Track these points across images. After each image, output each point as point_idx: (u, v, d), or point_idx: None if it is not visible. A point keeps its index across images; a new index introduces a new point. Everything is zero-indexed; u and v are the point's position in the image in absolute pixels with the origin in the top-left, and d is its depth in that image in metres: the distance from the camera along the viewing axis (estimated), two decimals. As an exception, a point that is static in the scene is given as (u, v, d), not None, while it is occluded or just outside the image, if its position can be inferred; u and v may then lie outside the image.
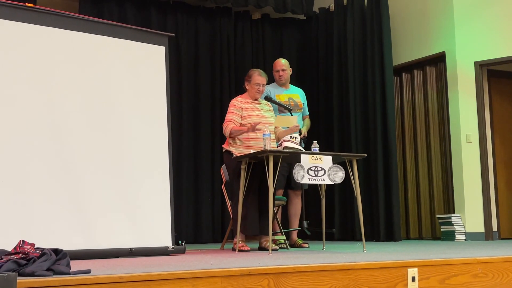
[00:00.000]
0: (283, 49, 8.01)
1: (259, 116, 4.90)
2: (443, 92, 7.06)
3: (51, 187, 3.93)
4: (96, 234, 4.05)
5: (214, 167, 7.27)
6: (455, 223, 6.56)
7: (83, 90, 4.22)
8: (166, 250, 4.32)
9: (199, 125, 7.40)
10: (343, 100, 7.36)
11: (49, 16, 4.16)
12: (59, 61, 4.15)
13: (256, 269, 2.70)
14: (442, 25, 7.02)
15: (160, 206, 4.45)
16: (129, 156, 4.36)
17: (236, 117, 4.90)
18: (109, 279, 2.36)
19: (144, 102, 4.53)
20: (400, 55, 7.43)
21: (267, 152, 4.26)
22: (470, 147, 6.71)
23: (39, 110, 3.99)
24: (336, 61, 7.46)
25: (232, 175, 4.88)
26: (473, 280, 3.24)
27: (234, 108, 4.95)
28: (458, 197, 6.74)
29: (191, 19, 7.55)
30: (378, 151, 6.95)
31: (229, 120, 4.91)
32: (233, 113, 4.93)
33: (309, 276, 2.81)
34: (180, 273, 2.53)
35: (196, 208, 7.24)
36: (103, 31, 4.43)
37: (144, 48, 4.63)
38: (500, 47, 6.66)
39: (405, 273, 3.04)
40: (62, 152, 4.02)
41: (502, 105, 7.29)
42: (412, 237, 7.23)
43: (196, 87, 7.47)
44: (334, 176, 4.30)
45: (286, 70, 5.68)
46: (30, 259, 2.52)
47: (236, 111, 4.93)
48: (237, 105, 4.97)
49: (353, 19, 7.38)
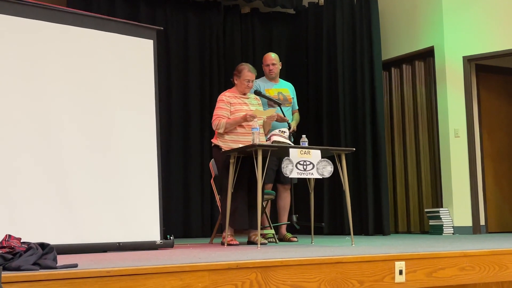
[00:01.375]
0: (272, 44, 8.00)
1: (247, 111, 4.89)
2: (432, 86, 7.09)
3: (38, 182, 3.90)
4: (84, 228, 4.03)
5: (204, 161, 7.26)
6: (443, 217, 6.59)
7: (71, 84, 4.19)
8: (154, 244, 4.31)
9: (188, 119, 7.38)
10: (332, 94, 7.37)
11: (37, 9, 4.12)
12: (47, 55, 4.12)
13: (244, 262, 2.70)
14: (431, 20, 7.04)
15: (148, 200, 4.43)
16: (117, 150, 4.34)
17: (225, 112, 4.88)
18: (96, 273, 2.35)
19: (133, 96, 4.51)
20: (389, 50, 7.45)
21: (256, 146, 4.26)
22: (458, 142, 6.75)
23: (27, 105, 3.95)
24: (326, 56, 7.47)
25: (221, 169, 4.87)
26: (460, 273, 3.26)
27: (222, 103, 4.94)
28: (446, 191, 6.77)
29: (180, 13, 7.52)
30: (367, 145, 6.97)
31: (218, 116, 4.89)
32: (222, 108, 4.91)
33: (297, 270, 2.82)
34: (167, 267, 2.52)
35: (186, 203, 7.24)
36: (91, 25, 4.40)
37: (133, 41, 4.60)
38: (488, 42, 6.69)
39: (392, 266, 3.05)
40: (50, 147, 4.00)
41: (490, 99, 7.33)
42: (401, 231, 7.27)
43: (185, 81, 7.44)
44: (322, 170, 4.30)
45: (276, 64, 5.67)
46: (16, 253, 2.50)
47: (224, 106, 4.92)
48: (225, 100, 4.95)
49: (342, 13, 7.38)
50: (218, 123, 4.86)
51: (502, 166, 7.27)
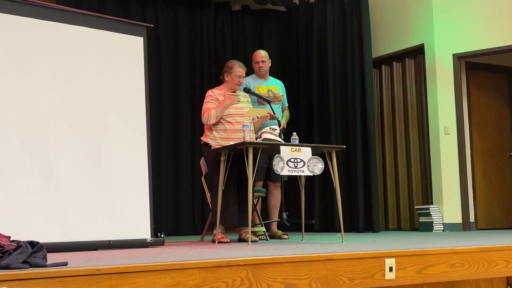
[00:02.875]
0: (263, 41, 7.99)
1: (236, 108, 4.89)
2: (422, 84, 7.11)
3: (28, 179, 3.88)
4: (74, 226, 4.02)
5: (194, 159, 7.25)
6: (433, 214, 6.63)
7: (60, 82, 4.17)
8: (145, 242, 4.31)
9: (179, 117, 7.36)
10: (322, 91, 7.38)
11: (26, 5, 4.10)
12: (36, 52, 4.09)
13: (235, 260, 2.70)
14: (421, 17, 7.07)
15: (139, 198, 4.42)
16: (107, 148, 4.32)
17: (214, 106, 4.88)
18: (86, 271, 2.34)
19: (123, 93, 4.50)
20: (380, 47, 7.47)
21: (246, 144, 4.26)
22: (448, 139, 6.78)
23: (16, 102, 3.93)
24: (316, 53, 7.47)
25: (211, 167, 4.86)
26: (449, 270, 3.27)
27: (211, 98, 4.94)
28: (436, 188, 6.81)
29: (171, 11, 7.49)
30: (358, 142, 6.99)
31: (207, 108, 4.88)
32: (210, 102, 4.91)
33: (288, 267, 2.82)
34: (158, 265, 2.52)
35: (176, 200, 7.22)
36: (81, 22, 4.38)
37: (123, 38, 4.59)
38: (478, 39, 6.72)
39: (382, 263, 3.06)
40: (40, 144, 3.98)
41: (480, 97, 7.36)
42: (391, 228, 7.30)
43: (176, 78, 7.42)
44: (313, 167, 4.31)
45: (266, 61, 5.66)
46: (5, 251, 2.49)
47: (213, 100, 4.92)
48: (213, 95, 4.95)
49: (333, 11, 7.39)
50: (208, 115, 4.84)
51: (492, 163, 7.31)
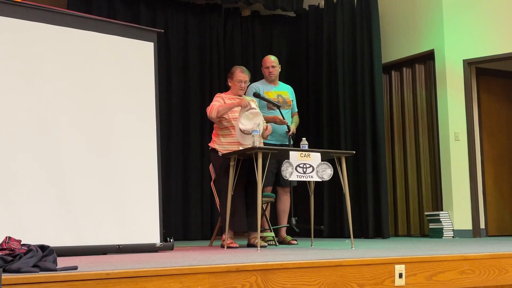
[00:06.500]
0: (272, 46, 8.00)
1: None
2: (432, 90, 7.09)
3: (38, 184, 3.90)
4: (84, 230, 4.03)
5: (204, 163, 7.26)
6: (443, 220, 6.59)
7: (71, 86, 4.20)
8: (154, 246, 4.31)
9: (189, 122, 7.38)
10: (332, 97, 7.38)
11: (38, 11, 4.13)
12: (47, 57, 4.12)
13: (244, 265, 2.70)
14: (431, 23, 7.05)
15: (148, 202, 4.43)
16: (118, 152, 4.34)
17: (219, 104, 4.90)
18: (95, 275, 2.35)
19: (133, 98, 4.52)
20: (389, 53, 7.46)
21: (255, 149, 4.26)
22: (459, 145, 6.75)
23: (27, 106, 3.95)
24: (326, 58, 7.47)
25: (219, 172, 4.87)
26: (460, 276, 3.26)
27: (218, 98, 4.97)
28: (446, 194, 6.77)
29: (181, 16, 7.52)
30: (367, 148, 6.97)
31: (213, 104, 4.89)
32: (217, 101, 4.93)
33: (297, 273, 2.82)
34: (167, 270, 2.52)
35: (185, 205, 7.23)
36: (92, 27, 4.41)
37: (133, 44, 4.61)
38: (489, 45, 6.70)
39: (392, 269, 3.05)
40: (50, 149, 4.00)
41: (490, 103, 7.33)
42: (401, 234, 7.26)
43: (186, 84, 7.45)
44: (322, 173, 4.30)
45: (276, 67, 5.67)
46: (16, 255, 2.50)
47: (220, 100, 4.94)
48: (221, 97, 4.99)
49: (342, 16, 7.39)
50: (211, 109, 4.85)
51: (502, 170, 7.27)
